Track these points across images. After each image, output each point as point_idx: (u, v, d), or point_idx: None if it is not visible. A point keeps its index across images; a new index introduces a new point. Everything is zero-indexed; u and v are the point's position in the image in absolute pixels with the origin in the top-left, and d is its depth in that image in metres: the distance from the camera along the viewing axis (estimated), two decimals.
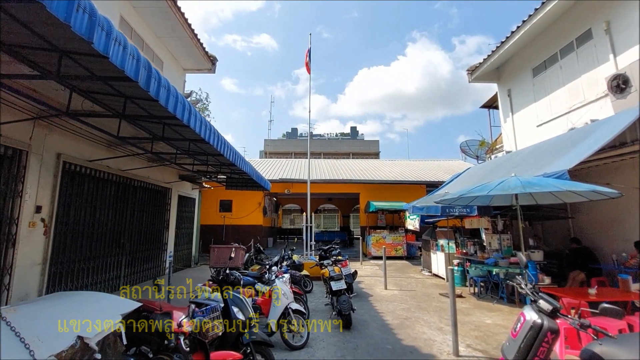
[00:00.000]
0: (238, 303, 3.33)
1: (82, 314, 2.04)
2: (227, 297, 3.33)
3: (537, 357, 2.33)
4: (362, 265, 12.82)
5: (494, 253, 8.09)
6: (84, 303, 2.24)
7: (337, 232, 23.74)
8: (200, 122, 4.42)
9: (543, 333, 2.33)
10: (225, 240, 14.84)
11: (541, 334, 2.34)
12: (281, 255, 6.44)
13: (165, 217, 9.76)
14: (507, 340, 2.62)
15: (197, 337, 2.40)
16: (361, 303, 6.89)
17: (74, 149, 6.00)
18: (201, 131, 4.43)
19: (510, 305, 6.83)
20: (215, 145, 5.24)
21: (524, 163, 6.89)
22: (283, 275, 4.66)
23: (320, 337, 4.86)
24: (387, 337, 4.89)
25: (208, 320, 2.64)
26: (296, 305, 4.53)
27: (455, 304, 4.20)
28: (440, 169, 19.26)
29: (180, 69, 11.19)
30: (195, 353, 2.38)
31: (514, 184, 4.25)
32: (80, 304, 2.20)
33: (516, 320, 2.61)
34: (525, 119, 10.45)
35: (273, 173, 16.94)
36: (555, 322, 2.37)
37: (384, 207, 14.61)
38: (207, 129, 4.69)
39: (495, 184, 4.50)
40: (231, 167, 8.18)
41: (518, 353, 2.40)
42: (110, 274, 7.12)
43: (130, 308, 2.33)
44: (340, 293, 5.41)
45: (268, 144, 41.77)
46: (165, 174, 9.63)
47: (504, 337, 4.90)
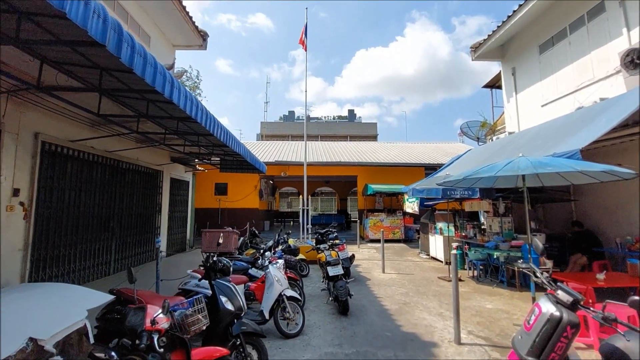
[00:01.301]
0: (227, 292, 3.08)
1: (40, 310, 1.79)
2: (214, 286, 3.08)
3: (554, 354, 2.10)
4: (360, 248, 12.69)
5: (494, 236, 7.91)
6: (46, 297, 1.98)
7: (334, 215, 23.62)
8: (185, 97, 4.06)
9: (562, 327, 2.10)
10: (221, 224, 14.62)
11: (560, 328, 2.11)
12: (276, 239, 6.21)
13: (157, 201, 9.47)
14: (519, 333, 2.40)
15: (176, 334, 2.15)
16: (359, 287, 6.72)
17: (54, 129, 5.62)
18: (186, 107, 4.08)
19: (511, 289, 6.70)
20: (204, 124, 4.90)
21: (530, 144, 6.59)
22: (277, 261, 4.42)
23: (317, 324, 4.68)
24: (386, 323, 4.72)
25: (191, 313, 2.40)
26: (291, 291, 4.31)
27: (458, 291, 3.99)
28: (438, 152, 18.96)
29: (169, 45, 10.62)
30: (175, 351, 2.14)
31: (523, 165, 3.97)
32: (41, 299, 1.94)
33: (530, 312, 2.38)
34: (529, 98, 10.08)
35: (269, 155, 16.57)
36: (576, 316, 2.13)
37: (382, 189, 14.37)
38: (194, 105, 4.33)
39: (502, 164, 4.22)
40: (224, 149, 7.83)
41: (532, 348, 2.18)
42: (99, 259, 6.88)
43: (98, 302, 2.07)
44: (337, 278, 5.21)
45: (264, 126, 41.09)
46: (155, 156, 9.27)
47: (507, 323, 4.75)
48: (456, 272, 4.00)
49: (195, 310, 2.49)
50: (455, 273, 3.99)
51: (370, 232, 14.33)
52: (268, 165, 13.31)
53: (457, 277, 3.99)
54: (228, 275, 3.35)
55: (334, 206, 31.40)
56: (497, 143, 9.57)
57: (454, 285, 3.97)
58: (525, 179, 5.83)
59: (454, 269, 4.01)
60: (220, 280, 3.17)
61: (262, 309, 4.13)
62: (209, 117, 4.97)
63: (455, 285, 3.97)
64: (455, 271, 4.00)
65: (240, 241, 7.66)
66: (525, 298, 6.08)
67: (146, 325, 1.91)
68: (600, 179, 4.61)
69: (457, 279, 3.99)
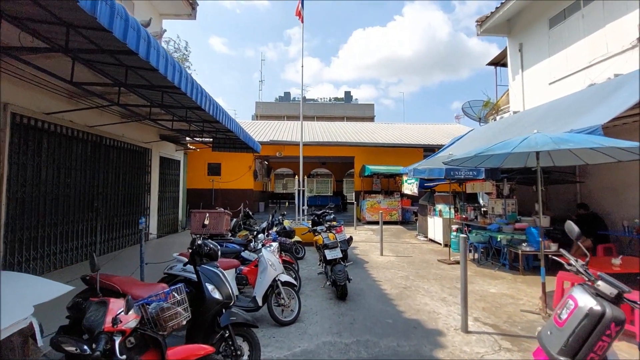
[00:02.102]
0: (214, 279, 2.74)
1: None
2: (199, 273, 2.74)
3: (593, 354, 1.80)
4: (357, 230, 12.47)
5: (496, 218, 7.65)
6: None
7: (330, 196, 23.33)
8: (166, 60, 3.58)
9: (605, 324, 1.79)
10: (214, 204, 14.25)
11: (602, 325, 1.80)
12: (270, 220, 5.87)
13: (146, 180, 9.03)
14: (547, 328, 2.09)
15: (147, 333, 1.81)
16: (357, 271, 6.47)
17: (26, 99, 5.11)
18: (168, 72, 3.60)
19: (513, 272, 6.49)
20: (190, 94, 4.43)
21: (540, 122, 6.22)
22: (271, 244, 4.08)
23: (313, 309, 4.40)
24: (387, 309, 4.46)
25: (168, 306, 2.05)
26: (286, 276, 4.00)
27: (467, 278, 3.71)
28: (438, 133, 18.55)
29: (156, 14, 9.88)
30: (147, 352, 1.80)
31: (542, 141, 3.61)
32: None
33: (561, 304, 2.07)
34: (536, 76, 9.63)
35: (264, 135, 16.04)
36: (621, 311, 1.82)
37: (380, 171, 14.04)
38: (177, 70, 3.86)
39: (517, 141, 3.85)
40: (214, 125, 7.35)
41: (566, 347, 1.88)
42: (82, 240, 6.50)
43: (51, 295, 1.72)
44: (335, 262, 4.91)
45: (259, 106, 40.14)
46: (143, 133, 8.76)
47: (513, 309, 4.52)
48: (465, 258, 3.70)
49: (175, 302, 2.15)
50: (464, 258, 3.68)
51: (367, 214, 14.08)
52: (263, 144, 12.84)
53: (466, 263, 3.69)
54: (215, 260, 3.00)
55: (330, 188, 31.13)
56: (501, 122, 9.18)
57: (463, 272, 3.68)
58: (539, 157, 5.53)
59: (462, 254, 3.71)
60: (206, 266, 2.82)
61: (255, 295, 3.83)
62: (196, 86, 4.50)
63: (463, 272, 3.67)
64: (464, 256, 3.69)
65: (233, 222, 7.32)
66: (529, 282, 5.87)
67: (106, 325, 1.56)
68: (620, 157, 4.27)
69: (465, 264, 3.70)
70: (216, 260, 3.01)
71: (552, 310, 4.59)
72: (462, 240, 3.70)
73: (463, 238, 3.70)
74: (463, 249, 3.70)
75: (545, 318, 4.20)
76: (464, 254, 3.70)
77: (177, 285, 2.33)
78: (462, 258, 3.72)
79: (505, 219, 7.35)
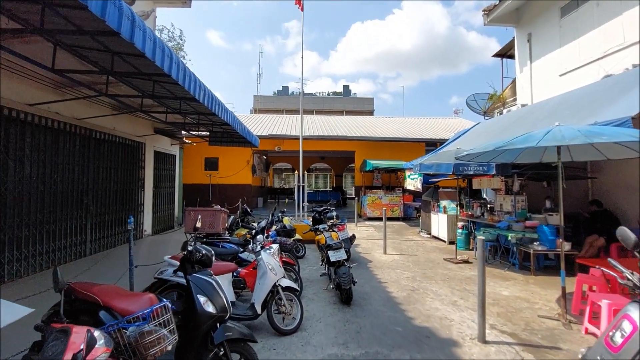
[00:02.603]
0: (207, 290, 2.42)
1: None
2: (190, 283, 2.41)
3: None
4: (357, 227, 12.17)
5: (505, 216, 7.35)
6: None
7: (330, 191, 23.00)
8: (154, 43, 3.22)
9: None
10: (212, 200, 13.91)
11: None
12: (269, 219, 5.54)
13: (140, 175, 8.68)
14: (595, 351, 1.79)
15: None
16: (360, 271, 6.17)
17: (6, 89, 4.73)
18: (156, 57, 3.25)
19: (524, 273, 6.21)
20: (182, 82, 4.08)
21: (555, 114, 5.88)
22: (271, 246, 3.76)
23: (316, 315, 4.10)
24: (395, 315, 4.17)
25: (150, 329, 1.73)
26: (287, 281, 3.68)
27: (485, 283, 3.40)
28: (439, 127, 18.19)
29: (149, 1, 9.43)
30: None
31: (569, 134, 3.28)
32: None
33: (615, 325, 1.76)
34: (545, 67, 9.26)
35: (262, 129, 15.65)
36: None
37: (382, 165, 13.70)
38: (166, 55, 3.50)
39: (540, 134, 3.52)
40: (211, 117, 6.99)
41: None
42: (72, 239, 6.17)
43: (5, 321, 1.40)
44: (339, 264, 4.60)
45: (258, 100, 39.57)
46: (136, 126, 8.39)
47: (530, 314, 4.23)
48: (483, 263, 3.39)
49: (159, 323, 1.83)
50: (482, 264, 3.37)
51: (369, 210, 13.78)
52: (261, 139, 12.47)
53: (483, 268, 3.38)
54: (209, 267, 2.68)
55: (329, 183, 30.81)
56: (509, 115, 8.84)
57: (481, 277, 3.37)
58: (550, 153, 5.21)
59: (480, 258, 3.39)
60: (198, 275, 2.49)
61: (253, 302, 3.51)
62: (188, 74, 4.14)
63: (481, 277, 3.36)
64: (482, 261, 3.38)
65: (230, 220, 6.99)
66: (541, 283, 5.58)
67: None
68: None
69: (483, 269, 3.39)
70: (210, 267, 2.69)
71: (572, 316, 4.33)
72: (480, 242, 3.39)
73: (481, 240, 3.39)
74: (481, 253, 3.38)
75: (566, 325, 3.91)
76: (482, 258, 3.38)
77: (161, 304, 2.01)
78: (479, 262, 3.40)
79: (515, 217, 7.05)
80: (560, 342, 3.53)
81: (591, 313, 3.74)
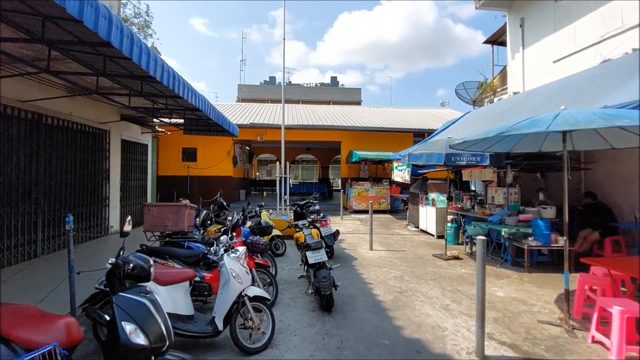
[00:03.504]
0: (136, 313, 1.84)
1: None
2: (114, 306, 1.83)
3: None
4: (343, 220, 11.70)
5: (497, 209, 6.97)
6: None
7: (315, 183, 22.46)
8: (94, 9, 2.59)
9: None
10: (191, 193, 13.19)
11: None
12: (241, 215, 4.95)
13: (104, 166, 7.90)
14: None
15: None
16: (344, 270, 5.68)
17: None
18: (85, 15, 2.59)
19: (518, 270, 5.85)
20: (136, 59, 3.44)
21: (553, 100, 5.46)
22: (237, 249, 3.19)
23: (292, 327, 3.57)
24: (382, 324, 3.68)
25: None
26: (255, 290, 3.13)
27: (484, 292, 2.93)
28: (427, 117, 17.80)
29: None
30: None
31: (583, 117, 2.81)
32: None
33: None
34: (539, 53, 8.88)
35: (244, 118, 14.88)
36: None
37: (368, 156, 13.22)
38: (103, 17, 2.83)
39: (550, 117, 3.04)
40: (179, 102, 6.28)
41: None
42: (19, 238, 5.43)
43: None
44: (319, 266, 4.07)
45: (242, 89, 38.32)
46: (98, 112, 7.57)
47: (529, 319, 3.83)
48: (483, 266, 2.91)
49: None
50: (482, 267, 2.89)
51: (355, 203, 13.32)
52: (242, 128, 11.78)
53: (484, 273, 2.90)
54: (147, 280, 2.09)
55: (315, 174, 30.25)
56: (501, 104, 8.42)
57: (480, 284, 2.89)
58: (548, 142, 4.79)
59: (480, 260, 2.90)
60: (126, 294, 1.91)
61: (214, 316, 2.95)
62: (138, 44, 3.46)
63: (481, 285, 2.89)
64: (482, 264, 2.89)
65: (203, 215, 6.36)
66: (537, 281, 5.22)
67: None
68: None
69: (483, 274, 2.91)
70: (147, 280, 2.10)
71: (574, 321, 3.96)
72: (480, 243, 2.90)
73: (481, 241, 2.90)
74: (481, 256, 2.89)
75: (570, 332, 3.51)
76: (482, 261, 2.90)
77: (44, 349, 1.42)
78: (479, 266, 2.92)
79: (508, 210, 6.68)
80: (567, 353, 3.12)
81: (599, 319, 3.34)
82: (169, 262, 3.78)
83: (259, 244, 4.08)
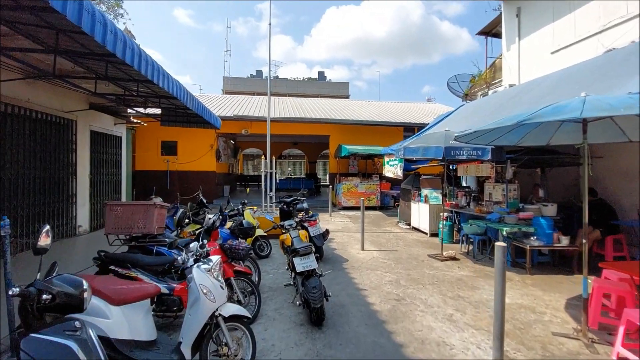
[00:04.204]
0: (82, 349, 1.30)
1: None
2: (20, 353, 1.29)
3: None
4: (332, 217, 11.24)
5: (495, 206, 6.63)
6: None
7: (303, 179, 21.92)
8: None
9: None
10: (170, 188, 12.46)
11: None
12: (219, 215, 4.40)
13: (70, 160, 7.13)
14: None
15: None
16: (335, 273, 5.22)
17: None
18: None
19: (519, 271, 5.51)
20: (91, 30, 2.82)
21: (558, 91, 5.10)
22: (209, 259, 2.64)
23: (276, 347, 3.08)
24: (380, 340, 3.23)
25: None
26: (232, 307, 2.60)
27: (504, 311, 2.50)
28: (417, 111, 17.47)
29: None
30: None
31: (620, 102, 2.40)
32: None
33: None
34: (536, 44, 8.55)
35: (228, 110, 14.18)
36: None
37: (358, 151, 12.76)
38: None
39: (579, 103, 2.61)
40: (151, 87, 5.63)
41: None
42: None
43: None
44: (308, 274, 3.58)
45: (227, 81, 37.22)
46: (63, 99, 6.79)
47: (542, 331, 3.44)
48: (503, 279, 2.47)
49: None
50: (501, 281, 2.45)
51: (344, 199, 12.88)
52: (225, 120, 11.14)
53: (504, 286, 2.47)
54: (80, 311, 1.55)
55: (303, 170, 29.69)
56: (498, 96, 8.08)
57: (499, 299, 2.46)
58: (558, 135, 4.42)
59: (499, 271, 2.46)
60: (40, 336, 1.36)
61: (180, 341, 2.42)
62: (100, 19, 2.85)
63: (500, 300, 2.45)
64: (501, 277, 2.45)
65: (179, 214, 5.77)
66: (541, 284, 4.88)
67: None
68: None
69: (503, 288, 2.47)
70: (81, 310, 1.55)
71: (592, 332, 3.62)
72: (500, 251, 2.46)
73: (501, 248, 2.46)
74: (501, 266, 2.45)
75: (589, 346, 3.14)
76: (501, 273, 2.46)
77: None
78: (498, 278, 2.48)
79: (507, 207, 6.33)
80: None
81: (625, 332, 2.97)
82: (132, 272, 3.22)
83: (238, 249, 3.54)
